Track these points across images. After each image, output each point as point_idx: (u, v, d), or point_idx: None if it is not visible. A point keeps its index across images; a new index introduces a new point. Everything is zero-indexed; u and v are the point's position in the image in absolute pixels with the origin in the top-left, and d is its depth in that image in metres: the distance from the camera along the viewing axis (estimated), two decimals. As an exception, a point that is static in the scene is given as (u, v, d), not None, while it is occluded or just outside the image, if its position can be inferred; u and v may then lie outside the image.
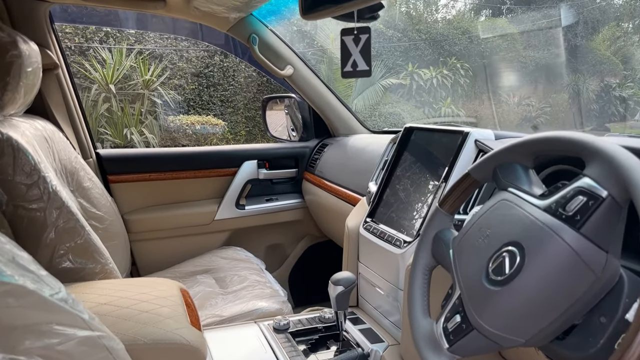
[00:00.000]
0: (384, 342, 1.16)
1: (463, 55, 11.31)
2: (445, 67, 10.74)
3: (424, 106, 10.23)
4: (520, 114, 11.59)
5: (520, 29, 12.49)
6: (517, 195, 0.74)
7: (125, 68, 7.15)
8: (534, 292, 0.66)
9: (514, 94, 12.04)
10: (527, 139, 0.77)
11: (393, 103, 9.80)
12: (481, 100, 11.54)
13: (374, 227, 1.25)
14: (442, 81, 10.30)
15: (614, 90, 12.96)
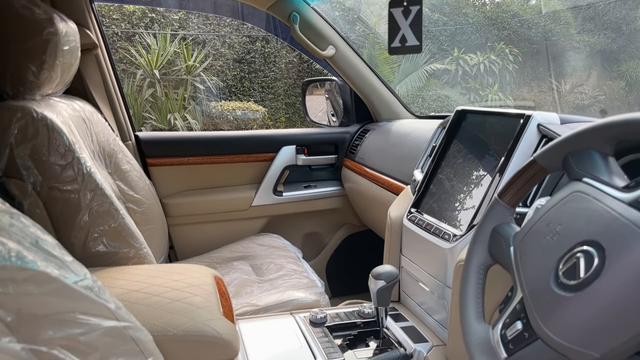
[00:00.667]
0: (428, 342, 1.07)
1: (512, 40, 10.83)
2: (493, 53, 10.33)
3: (470, 92, 9.89)
4: (572, 102, 11.03)
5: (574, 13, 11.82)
6: (594, 187, 0.64)
7: (169, 54, 7.26)
8: (615, 300, 0.56)
9: (565, 81, 11.44)
10: (607, 121, 0.66)
11: (437, 89, 9.53)
12: (530, 88, 11.04)
13: (419, 219, 1.16)
14: (490, 67, 9.91)
15: (678, 77, 12.09)
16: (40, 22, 1.11)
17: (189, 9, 7.18)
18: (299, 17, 1.69)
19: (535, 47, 11.27)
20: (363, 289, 1.30)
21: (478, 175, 1.08)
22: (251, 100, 8.47)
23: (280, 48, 8.76)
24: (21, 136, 1.03)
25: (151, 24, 7.44)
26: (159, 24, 7.51)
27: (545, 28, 11.38)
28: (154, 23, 7.45)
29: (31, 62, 1.11)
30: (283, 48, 8.76)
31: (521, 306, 0.66)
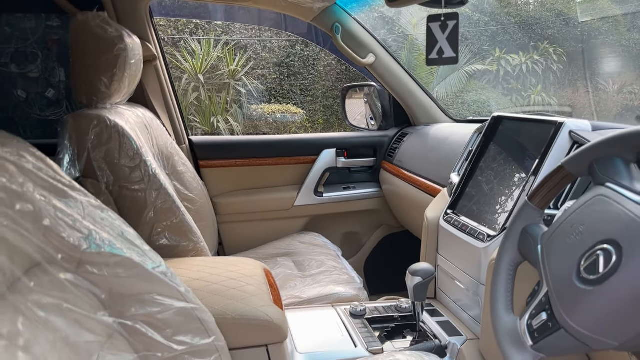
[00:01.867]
0: (462, 336, 1.14)
1: (557, 40, 10.52)
2: (536, 53, 10.07)
3: (512, 94, 9.68)
4: (621, 103, 10.58)
5: (624, 10, 11.34)
6: (615, 191, 0.69)
7: (213, 59, 7.51)
8: (631, 293, 0.62)
9: (614, 81, 10.99)
10: (630, 131, 0.71)
11: (478, 90, 9.39)
12: (576, 88, 10.68)
13: (455, 220, 1.23)
14: (533, 67, 9.67)
15: None
16: (112, 39, 1.25)
17: (235, 21, 7.44)
18: (341, 28, 1.79)
19: (581, 47, 10.90)
20: (400, 287, 1.37)
21: (512, 179, 1.14)
22: (290, 102, 8.63)
23: (319, 51, 8.89)
24: (97, 141, 1.17)
25: (195, 30, 7.72)
26: (203, 30, 7.79)
27: (592, 26, 10.99)
28: (198, 29, 7.73)
29: (104, 75, 1.25)
30: (322, 51, 8.88)
31: (546, 299, 0.73)
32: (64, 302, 0.62)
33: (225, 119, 7.63)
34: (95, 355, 0.64)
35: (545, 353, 0.72)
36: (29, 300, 0.57)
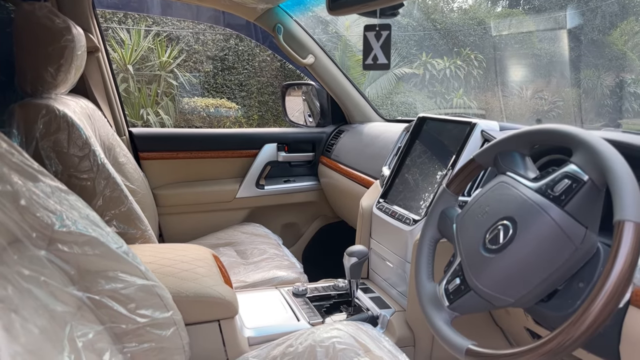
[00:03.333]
0: (391, 309, 1.29)
1: (477, 47, 11.27)
2: (459, 58, 10.72)
3: (436, 96, 10.25)
4: (533, 107, 11.56)
5: (536, 22, 12.38)
6: (513, 178, 0.87)
7: (143, 49, 7.28)
8: (523, 259, 0.79)
9: (527, 87, 11.99)
10: (525, 130, 0.89)
11: (406, 92, 9.84)
12: (494, 93, 11.52)
13: (386, 207, 1.38)
14: (456, 72, 10.30)
15: (629, 86, 12.85)
16: (60, 30, 1.26)
17: (174, 16, 7.24)
18: (283, 29, 1.89)
19: (499, 54, 11.77)
20: (336, 274, 1.50)
21: (434, 171, 1.31)
22: (224, 97, 8.56)
23: (254, 47, 8.88)
24: (45, 130, 1.19)
25: (124, 19, 7.44)
26: (132, 19, 7.51)
27: (508, 36, 11.89)
28: (127, 18, 7.45)
29: (50, 65, 1.26)
30: (257, 47, 8.89)
31: (459, 267, 0.89)
32: (41, 275, 0.68)
33: (155, 111, 7.43)
34: (68, 325, 0.70)
35: (458, 312, 0.88)
36: (14, 272, 0.63)
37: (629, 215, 0.65)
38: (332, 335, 1.06)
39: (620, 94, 12.78)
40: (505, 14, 12.88)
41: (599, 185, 0.74)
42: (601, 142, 0.74)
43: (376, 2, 1.21)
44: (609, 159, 0.72)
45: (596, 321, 0.65)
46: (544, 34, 12.30)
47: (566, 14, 12.22)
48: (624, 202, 0.66)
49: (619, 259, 0.63)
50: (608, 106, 12.62)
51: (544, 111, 11.36)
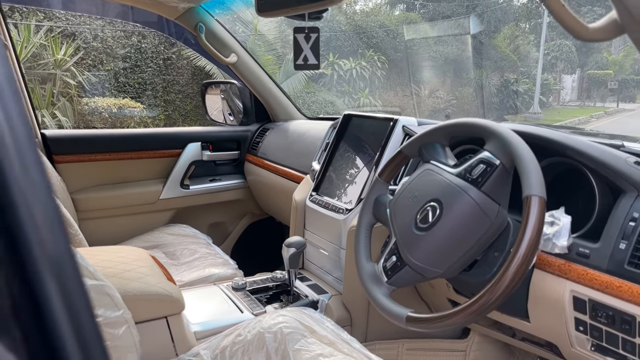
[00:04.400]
0: (328, 293, 1.38)
1: (380, 48, 11.84)
2: (363, 59, 11.18)
3: (344, 96, 10.60)
4: (431, 105, 12.41)
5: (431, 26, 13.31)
6: (436, 166, 1.00)
7: (35, 46, 6.68)
8: (449, 235, 0.92)
9: (425, 87, 12.86)
10: (445, 124, 1.02)
11: (315, 92, 10.06)
12: (396, 92, 12.20)
13: (319, 200, 1.47)
14: (361, 72, 10.73)
15: (512, 85, 14.32)
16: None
17: (77, 11, 6.70)
18: (205, 28, 1.89)
19: (400, 55, 12.48)
20: (269, 268, 1.56)
21: (362, 164, 1.42)
22: (127, 96, 8.13)
23: (158, 44, 8.53)
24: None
25: (11, 13, 6.76)
26: (20, 13, 6.85)
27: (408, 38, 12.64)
28: (14, 12, 6.78)
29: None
30: (161, 44, 8.56)
31: (395, 246, 0.99)
32: None
33: (51, 113, 6.85)
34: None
35: (396, 285, 0.99)
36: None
37: (535, 190, 0.79)
38: (278, 321, 1.12)
39: (505, 92, 14.18)
40: (403, 18, 13.67)
41: (509, 168, 0.89)
42: (510, 132, 0.89)
43: (303, 7, 1.29)
44: (517, 146, 0.86)
45: (512, 282, 0.79)
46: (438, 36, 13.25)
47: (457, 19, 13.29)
48: (530, 181, 0.80)
49: (529, 227, 0.77)
50: (495, 103, 13.95)
51: (441, 109, 12.25)
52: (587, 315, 0.88)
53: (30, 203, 0.25)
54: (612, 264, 0.83)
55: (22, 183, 0.24)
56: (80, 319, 0.26)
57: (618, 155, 0.90)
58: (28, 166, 0.25)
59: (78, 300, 0.26)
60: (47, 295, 0.25)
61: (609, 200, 0.89)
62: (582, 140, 0.96)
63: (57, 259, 0.25)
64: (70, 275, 0.26)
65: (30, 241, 0.24)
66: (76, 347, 0.25)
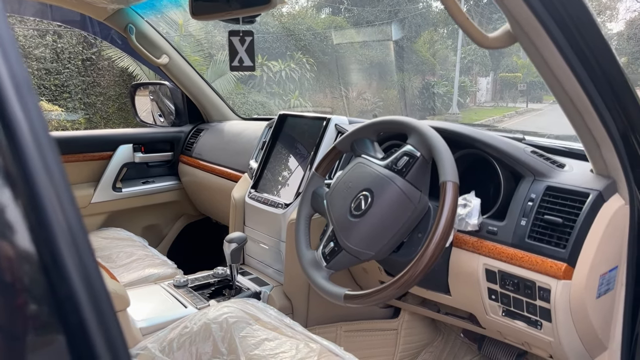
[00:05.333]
0: (269, 285, 1.45)
1: (308, 50, 12.01)
2: (292, 61, 11.30)
3: (275, 97, 10.65)
4: (359, 106, 12.78)
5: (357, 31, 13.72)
6: (367, 159, 1.10)
7: None
8: (380, 219, 1.02)
9: (352, 89, 13.24)
10: (374, 121, 1.13)
11: (245, 94, 10.02)
12: (325, 94, 12.45)
13: (258, 196, 1.53)
14: (291, 74, 10.83)
15: (432, 87, 15.13)
16: None
17: None
18: (135, 29, 1.88)
19: (327, 58, 12.75)
20: (207, 267, 1.58)
21: (298, 160, 1.51)
22: (43, 99, 7.64)
23: (76, 44, 8.10)
24: None
25: None
26: None
27: (333, 42, 12.94)
28: None
29: None
30: (79, 44, 8.13)
31: (332, 233, 1.09)
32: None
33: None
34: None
35: (334, 269, 1.08)
36: None
37: (449, 177, 0.91)
38: (223, 312, 1.17)
39: (427, 95, 14.94)
40: (329, 21, 13.97)
41: (428, 159, 1.01)
42: (428, 128, 1.01)
43: (237, 12, 1.35)
44: (434, 140, 0.98)
45: (433, 256, 0.90)
46: (364, 40, 13.69)
47: (380, 24, 13.81)
48: (445, 169, 0.92)
49: (445, 207, 0.89)
50: (417, 105, 14.66)
51: (368, 110, 12.66)
52: (498, 285, 1.03)
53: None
54: (515, 238, 0.98)
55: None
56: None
57: (518, 146, 1.06)
58: (48, 158, 0.30)
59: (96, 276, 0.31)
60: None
61: (512, 184, 1.05)
62: (489, 134, 1.10)
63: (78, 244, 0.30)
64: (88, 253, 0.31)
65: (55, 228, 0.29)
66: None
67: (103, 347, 0.29)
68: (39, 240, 0.29)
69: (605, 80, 0.82)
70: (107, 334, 0.30)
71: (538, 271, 0.94)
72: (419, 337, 1.54)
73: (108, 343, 0.30)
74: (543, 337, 1.01)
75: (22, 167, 0.29)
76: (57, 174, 0.30)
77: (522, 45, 0.80)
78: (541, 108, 16.98)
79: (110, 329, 0.30)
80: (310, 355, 1.04)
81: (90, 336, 0.29)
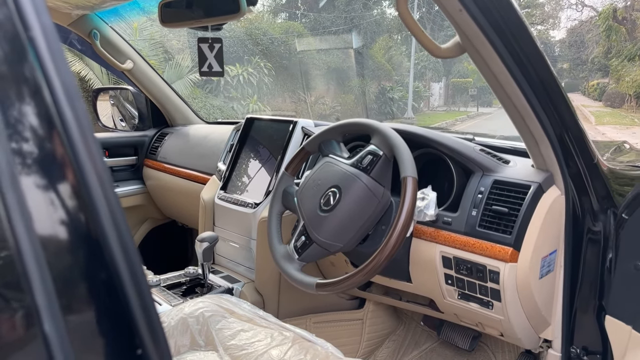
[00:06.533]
0: (241, 282, 1.51)
1: (266, 55, 12.04)
2: (250, 65, 11.29)
3: (233, 102, 10.60)
4: (317, 111, 12.93)
5: (314, 36, 13.88)
6: (334, 158, 1.19)
7: None
8: (348, 214, 1.11)
9: (311, 94, 13.37)
10: (340, 124, 1.22)
11: (202, 98, 9.92)
12: (284, 98, 12.52)
13: (228, 197, 1.58)
14: (249, 79, 10.82)
15: (388, 92, 15.51)
16: None
17: None
18: (99, 35, 1.89)
19: (285, 63, 12.82)
20: (176, 270, 1.62)
21: (266, 162, 1.57)
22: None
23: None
24: None
25: None
26: None
27: (292, 47, 13.04)
28: None
29: None
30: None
31: (303, 228, 1.16)
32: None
33: None
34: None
35: (306, 261, 1.16)
36: None
37: (409, 172, 1.01)
38: (198, 307, 1.22)
39: (383, 99, 15.29)
40: (286, 26, 14.05)
41: (389, 157, 1.11)
42: (389, 129, 1.11)
43: (205, 20, 1.41)
44: (395, 140, 1.08)
45: (396, 244, 1.00)
46: (320, 45, 13.86)
47: (337, 29, 14.03)
48: (405, 165, 1.02)
49: (406, 199, 0.99)
50: (374, 109, 14.98)
51: (327, 114, 12.82)
52: (453, 270, 1.14)
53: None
54: (467, 227, 1.09)
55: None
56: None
57: (468, 145, 1.18)
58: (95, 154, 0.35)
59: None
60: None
61: (464, 179, 1.16)
62: (443, 135, 1.22)
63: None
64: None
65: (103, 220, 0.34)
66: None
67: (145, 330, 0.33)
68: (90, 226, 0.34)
69: (541, 85, 0.94)
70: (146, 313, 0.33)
71: (488, 256, 1.06)
72: (382, 326, 1.64)
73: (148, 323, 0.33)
74: (494, 316, 1.13)
75: (75, 159, 0.34)
76: (101, 166, 0.35)
77: (469, 55, 0.91)
78: (491, 112, 17.75)
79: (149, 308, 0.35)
80: (285, 342, 1.11)
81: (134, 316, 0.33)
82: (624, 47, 22.53)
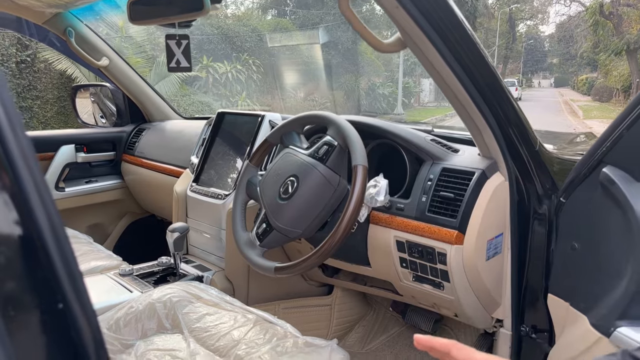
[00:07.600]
0: (212, 270, 1.56)
1: (254, 52, 12.06)
2: (238, 63, 11.30)
3: (222, 99, 10.61)
4: (307, 107, 12.96)
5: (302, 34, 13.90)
6: (294, 149, 1.24)
7: None
8: (305, 201, 1.17)
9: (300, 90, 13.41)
10: (299, 116, 1.28)
11: (191, 95, 9.93)
12: (273, 95, 12.54)
13: (200, 189, 1.64)
14: (237, 76, 10.83)
15: (378, 88, 15.57)
16: None
17: None
18: (74, 32, 1.93)
19: (274, 60, 12.84)
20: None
21: (236, 155, 1.63)
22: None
23: (8, 45, 7.75)
24: None
25: None
26: None
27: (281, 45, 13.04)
28: None
29: None
30: (13, 46, 7.79)
31: (264, 216, 1.22)
32: None
33: None
34: None
35: (267, 247, 1.21)
36: None
37: (359, 161, 1.07)
38: (166, 293, 1.27)
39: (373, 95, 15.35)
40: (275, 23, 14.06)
41: (344, 147, 1.17)
42: (344, 121, 1.17)
43: (173, 17, 1.46)
44: (347, 130, 1.14)
45: (347, 226, 1.06)
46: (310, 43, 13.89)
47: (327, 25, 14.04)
48: (356, 154, 1.08)
49: (356, 187, 1.05)
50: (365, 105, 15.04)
51: (316, 111, 12.80)
52: (406, 254, 1.20)
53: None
54: (418, 212, 1.16)
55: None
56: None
57: (420, 135, 1.24)
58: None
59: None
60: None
61: (416, 168, 1.22)
62: (397, 126, 1.28)
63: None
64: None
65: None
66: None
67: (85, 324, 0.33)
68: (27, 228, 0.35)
69: (480, 77, 1.00)
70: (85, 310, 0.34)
71: (436, 239, 1.12)
72: (351, 312, 1.70)
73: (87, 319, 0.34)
74: (445, 296, 1.19)
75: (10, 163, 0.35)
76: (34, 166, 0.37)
77: (411, 50, 0.97)
78: (480, 107, 17.78)
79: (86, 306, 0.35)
80: (247, 324, 1.17)
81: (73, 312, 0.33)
82: (611, 41, 22.77)
